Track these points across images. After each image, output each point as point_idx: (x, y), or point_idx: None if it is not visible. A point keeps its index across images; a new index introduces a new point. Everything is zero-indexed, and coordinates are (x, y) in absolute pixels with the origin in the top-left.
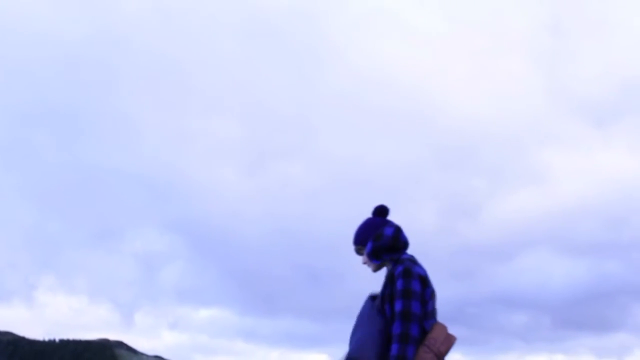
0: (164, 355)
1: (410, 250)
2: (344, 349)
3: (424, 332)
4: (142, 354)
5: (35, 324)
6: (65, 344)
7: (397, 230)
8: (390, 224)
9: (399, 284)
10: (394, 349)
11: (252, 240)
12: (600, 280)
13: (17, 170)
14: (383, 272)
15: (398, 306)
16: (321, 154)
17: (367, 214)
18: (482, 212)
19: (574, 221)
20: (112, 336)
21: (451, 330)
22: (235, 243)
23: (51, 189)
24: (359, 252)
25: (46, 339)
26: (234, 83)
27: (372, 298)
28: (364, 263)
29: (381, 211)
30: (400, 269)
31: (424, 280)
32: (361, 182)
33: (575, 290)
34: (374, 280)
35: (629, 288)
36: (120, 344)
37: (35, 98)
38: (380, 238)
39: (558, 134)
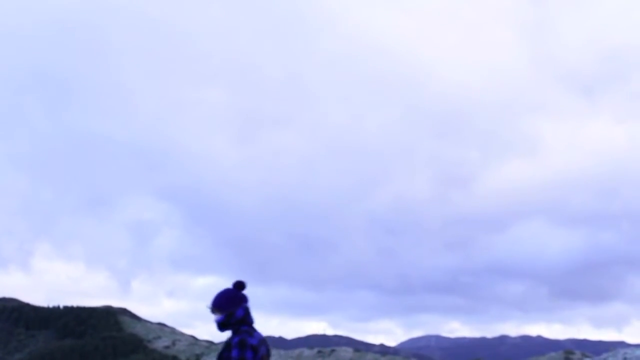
0: (165, 322)
1: (403, 220)
2: (341, 316)
3: None
4: (145, 321)
5: (34, 291)
6: (69, 311)
7: (246, 313)
8: (243, 305)
9: (234, 353)
10: None
11: (246, 209)
12: (596, 251)
13: (7, 137)
14: None
15: None
16: (314, 122)
17: (360, 181)
18: (474, 182)
19: (567, 192)
20: (114, 303)
21: (447, 299)
22: (229, 211)
23: (43, 156)
24: (213, 312)
25: (50, 305)
26: (226, 51)
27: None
28: (215, 320)
29: (240, 286)
30: (236, 339)
31: (256, 349)
32: (355, 150)
33: (571, 261)
34: (367, 251)
35: (623, 258)
36: (123, 311)
37: (26, 64)
38: (231, 317)
39: (546, 103)
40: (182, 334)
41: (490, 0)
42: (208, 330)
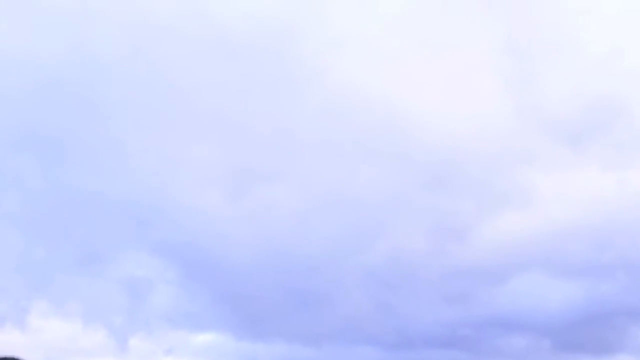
0: None
1: (400, 272)
2: None
3: None
4: None
5: (33, 349)
6: None
7: None
8: None
9: None
10: None
11: (241, 263)
12: (596, 302)
13: (1, 196)
14: None
15: None
16: (306, 175)
17: (355, 234)
18: (470, 233)
19: (562, 242)
20: None
21: (448, 353)
22: (225, 266)
23: (37, 214)
24: None
25: None
26: (217, 107)
27: None
28: None
29: None
30: None
31: None
32: (348, 202)
33: (572, 312)
34: (364, 305)
35: (624, 309)
36: None
37: (18, 124)
38: None
39: (535, 153)
40: None
41: (473, 53)
42: None
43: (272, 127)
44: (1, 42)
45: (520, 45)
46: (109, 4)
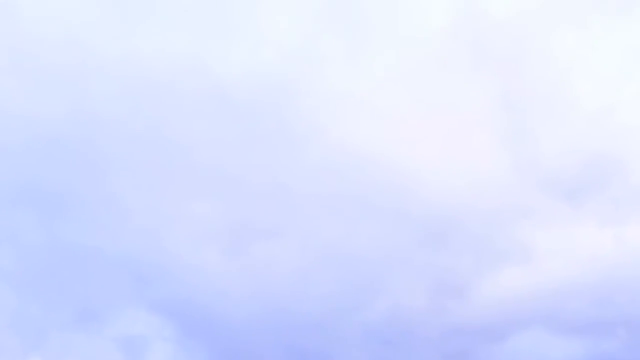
0: None
1: (399, 329)
2: None
3: None
4: None
5: None
6: None
7: None
8: None
9: None
10: None
11: (240, 320)
12: (598, 359)
13: None
14: None
15: None
16: (305, 232)
17: (354, 290)
18: (470, 290)
19: (562, 299)
20: None
21: None
22: (223, 323)
23: (33, 270)
24: None
25: None
26: (215, 164)
27: None
28: None
29: None
30: None
31: None
32: (347, 259)
33: None
34: None
35: None
36: None
37: (16, 179)
38: None
39: (533, 209)
40: None
41: (469, 110)
42: None
43: (270, 183)
44: (0, 97)
45: (515, 103)
46: (109, 60)
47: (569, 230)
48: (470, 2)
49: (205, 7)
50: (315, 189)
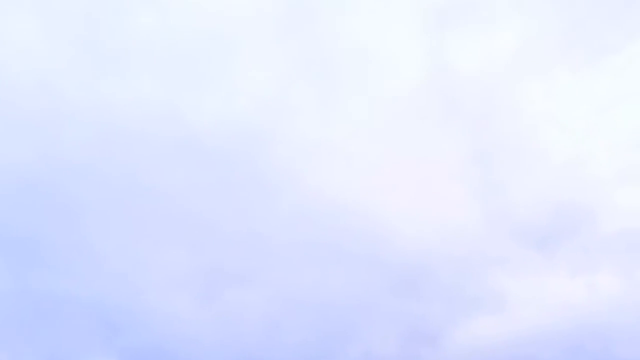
0: None
1: None
2: None
3: None
4: None
5: None
6: None
7: None
8: None
9: None
10: None
11: None
12: None
13: None
14: None
15: None
16: (278, 278)
17: (326, 337)
18: (443, 338)
19: (535, 348)
20: None
21: None
22: None
23: (2, 318)
24: None
25: None
26: (188, 210)
27: None
28: None
29: None
30: None
31: None
32: (318, 307)
33: None
34: None
35: None
36: None
37: None
38: None
39: (504, 258)
40: None
41: (440, 160)
42: None
43: (243, 230)
44: None
45: (486, 155)
46: (81, 107)
47: (541, 279)
48: (441, 58)
49: (179, 55)
50: (289, 236)
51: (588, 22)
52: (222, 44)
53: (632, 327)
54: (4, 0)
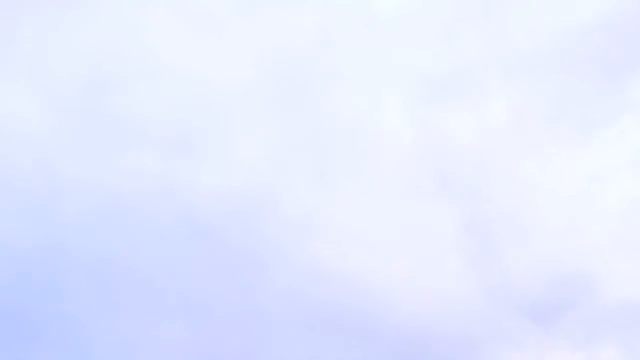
0: None
1: None
2: None
3: None
4: None
5: None
6: None
7: None
8: None
9: None
10: None
11: None
12: None
13: None
14: None
15: None
16: (273, 357)
17: None
18: None
19: None
20: None
21: None
22: None
23: None
24: None
25: None
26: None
27: None
28: None
29: None
30: None
31: None
32: None
33: None
34: None
35: None
36: None
37: None
38: None
39: (504, 332)
40: None
41: (435, 233)
42: None
43: (238, 308)
44: None
45: (482, 227)
46: (76, 186)
47: (541, 353)
48: (434, 130)
49: (173, 130)
50: (284, 312)
51: (579, 95)
52: (216, 119)
53: None
54: (1, 77)
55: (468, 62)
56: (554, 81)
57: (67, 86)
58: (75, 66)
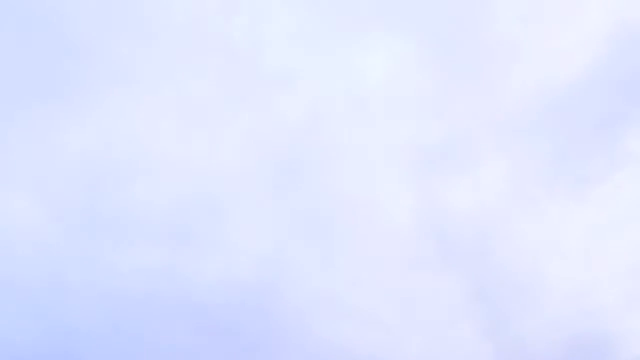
0: None
1: None
2: None
3: None
4: None
5: None
6: None
7: None
8: None
9: None
10: None
11: None
12: None
13: None
14: None
15: None
16: None
17: None
18: None
19: None
20: None
21: None
22: None
23: None
24: None
25: None
26: None
27: None
28: None
29: None
30: None
31: None
32: None
33: None
34: None
35: None
36: None
37: None
38: None
39: None
40: None
41: (443, 303)
42: None
43: None
44: None
45: (489, 293)
46: (80, 277)
47: None
48: (432, 200)
49: (173, 227)
50: None
51: (572, 152)
52: (215, 209)
53: None
54: (2, 175)
55: (460, 129)
56: (547, 140)
57: (64, 189)
58: (71, 168)
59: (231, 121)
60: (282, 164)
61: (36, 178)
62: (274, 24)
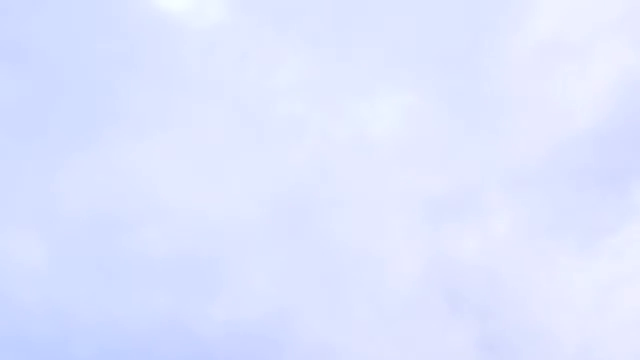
0: None
1: None
2: None
3: None
4: None
5: None
6: None
7: None
8: None
9: None
10: None
11: None
12: None
13: None
14: None
15: None
16: None
17: None
18: None
19: None
20: None
21: None
22: None
23: None
24: None
25: None
26: None
27: None
28: None
29: None
30: None
31: None
32: None
33: None
34: None
35: None
36: None
37: None
38: None
39: None
40: None
41: (451, 353)
42: None
43: None
44: None
45: (496, 341)
46: (87, 324)
47: None
48: (440, 250)
49: (182, 265)
50: None
51: (581, 204)
52: (223, 254)
53: None
54: (7, 220)
55: (467, 180)
56: (555, 192)
57: (71, 229)
58: (78, 209)
59: (239, 168)
60: (290, 211)
61: (41, 218)
62: (283, 74)
